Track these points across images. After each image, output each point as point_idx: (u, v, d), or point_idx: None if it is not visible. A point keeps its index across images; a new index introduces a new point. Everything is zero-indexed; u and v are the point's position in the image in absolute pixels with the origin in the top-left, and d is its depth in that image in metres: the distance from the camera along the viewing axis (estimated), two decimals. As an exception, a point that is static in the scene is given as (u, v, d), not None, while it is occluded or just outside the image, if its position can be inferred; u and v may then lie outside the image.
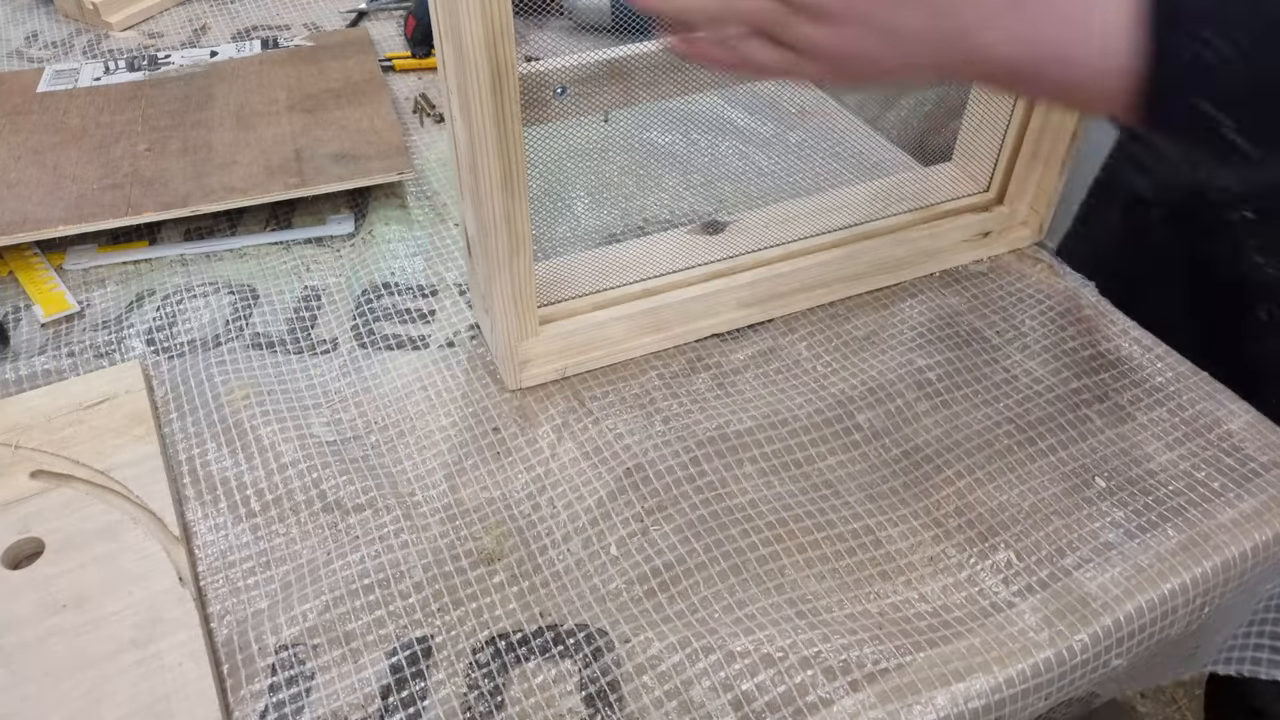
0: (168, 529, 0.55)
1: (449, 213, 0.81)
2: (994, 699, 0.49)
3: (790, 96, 0.96)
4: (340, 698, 0.49)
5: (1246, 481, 0.59)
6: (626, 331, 0.66)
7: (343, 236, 0.78)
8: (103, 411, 0.61)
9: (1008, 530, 0.57)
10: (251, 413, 0.62)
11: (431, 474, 0.60)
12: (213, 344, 0.68)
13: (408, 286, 0.73)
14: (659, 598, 0.53)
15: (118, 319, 0.71)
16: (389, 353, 0.68)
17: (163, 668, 0.48)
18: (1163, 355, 0.67)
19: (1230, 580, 0.55)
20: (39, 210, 0.74)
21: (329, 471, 0.59)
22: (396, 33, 1.06)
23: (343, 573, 0.54)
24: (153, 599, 0.51)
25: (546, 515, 0.58)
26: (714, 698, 0.48)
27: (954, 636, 0.51)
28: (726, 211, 0.79)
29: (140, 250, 0.77)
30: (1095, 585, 0.53)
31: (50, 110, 0.87)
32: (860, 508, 0.58)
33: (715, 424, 0.63)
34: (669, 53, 0.49)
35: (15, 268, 0.74)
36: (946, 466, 0.60)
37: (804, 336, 0.69)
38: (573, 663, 0.50)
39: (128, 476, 0.57)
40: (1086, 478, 0.59)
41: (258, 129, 0.84)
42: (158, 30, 1.06)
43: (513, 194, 0.55)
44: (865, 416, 0.63)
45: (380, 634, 0.51)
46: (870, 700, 0.48)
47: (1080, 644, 0.51)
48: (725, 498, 0.58)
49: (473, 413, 0.64)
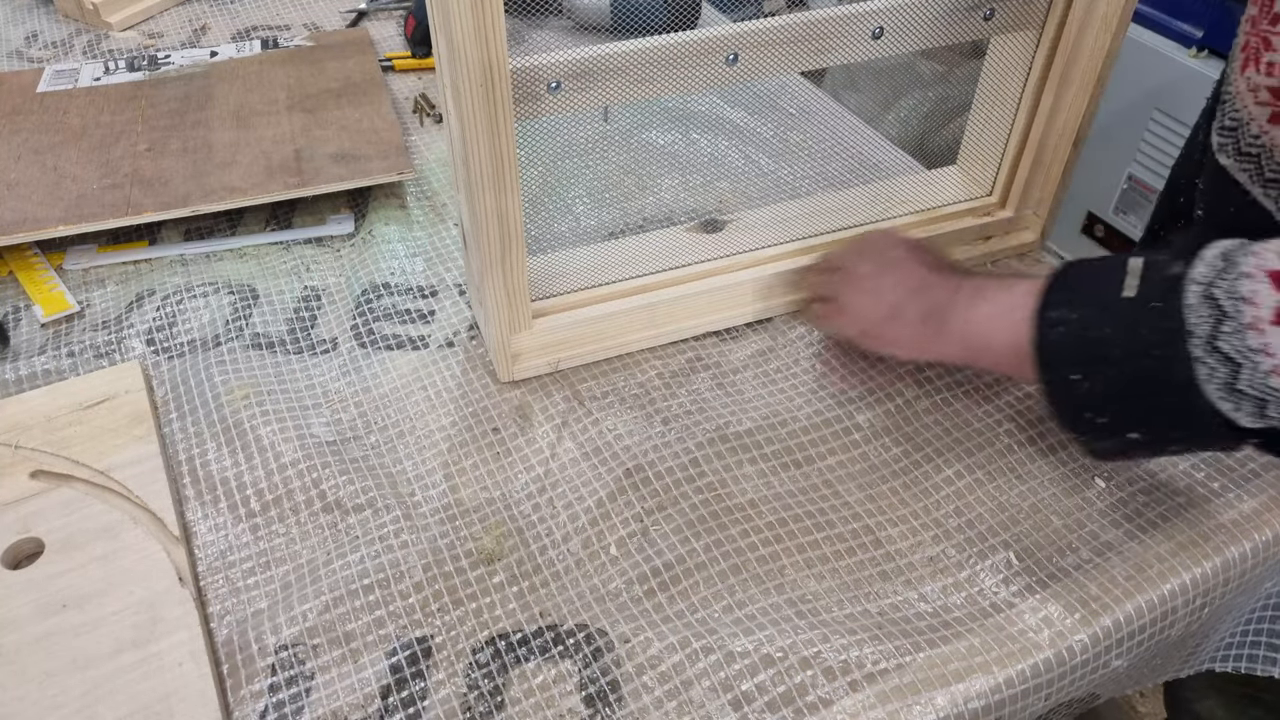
0: (168, 529, 0.55)
1: (449, 213, 0.81)
2: (994, 699, 0.49)
3: (790, 96, 0.96)
4: (340, 698, 0.49)
5: (1246, 481, 0.59)
6: (621, 326, 0.66)
7: (343, 236, 0.78)
8: (103, 411, 0.61)
9: (1008, 530, 0.57)
10: (251, 413, 0.62)
11: (431, 474, 0.60)
12: (213, 344, 0.68)
13: (407, 287, 0.73)
14: (659, 598, 0.53)
15: (118, 319, 0.71)
16: (389, 353, 0.68)
17: (163, 668, 0.48)
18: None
19: (1230, 580, 0.55)
20: (39, 210, 0.74)
21: (329, 471, 0.59)
22: (396, 33, 1.06)
23: (343, 573, 0.54)
24: (153, 599, 0.51)
25: (546, 515, 0.58)
26: (714, 698, 0.48)
27: (954, 636, 0.51)
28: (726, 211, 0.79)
29: (140, 250, 0.77)
30: (1095, 585, 0.53)
31: (50, 110, 0.87)
32: (860, 508, 0.58)
33: (715, 424, 0.63)
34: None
35: (15, 268, 0.74)
36: (946, 466, 0.60)
37: (803, 335, 0.69)
38: (573, 663, 0.50)
39: (128, 476, 0.57)
40: (1086, 478, 0.59)
41: (258, 129, 0.84)
42: (158, 30, 1.06)
43: (505, 188, 0.56)
44: (865, 416, 0.63)
45: (380, 634, 0.51)
46: (870, 700, 0.48)
47: (1080, 644, 0.51)
48: (725, 498, 0.58)
49: (472, 413, 0.64)
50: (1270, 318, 0.42)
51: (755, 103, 0.95)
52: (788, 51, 0.60)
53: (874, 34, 0.61)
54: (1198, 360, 0.45)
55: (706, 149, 0.88)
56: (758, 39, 0.59)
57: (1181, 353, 0.45)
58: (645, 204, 0.82)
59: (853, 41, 0.61)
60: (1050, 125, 0.69)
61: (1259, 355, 0.43)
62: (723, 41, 0.58)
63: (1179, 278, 0.46)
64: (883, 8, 0.60)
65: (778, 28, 0.59)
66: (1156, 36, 1.35)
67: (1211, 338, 0.44)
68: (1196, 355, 0.45)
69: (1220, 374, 0.44)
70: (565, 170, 0.85)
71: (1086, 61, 0.65)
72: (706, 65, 0.59)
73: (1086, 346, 0.49)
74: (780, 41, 0.59)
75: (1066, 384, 0.50)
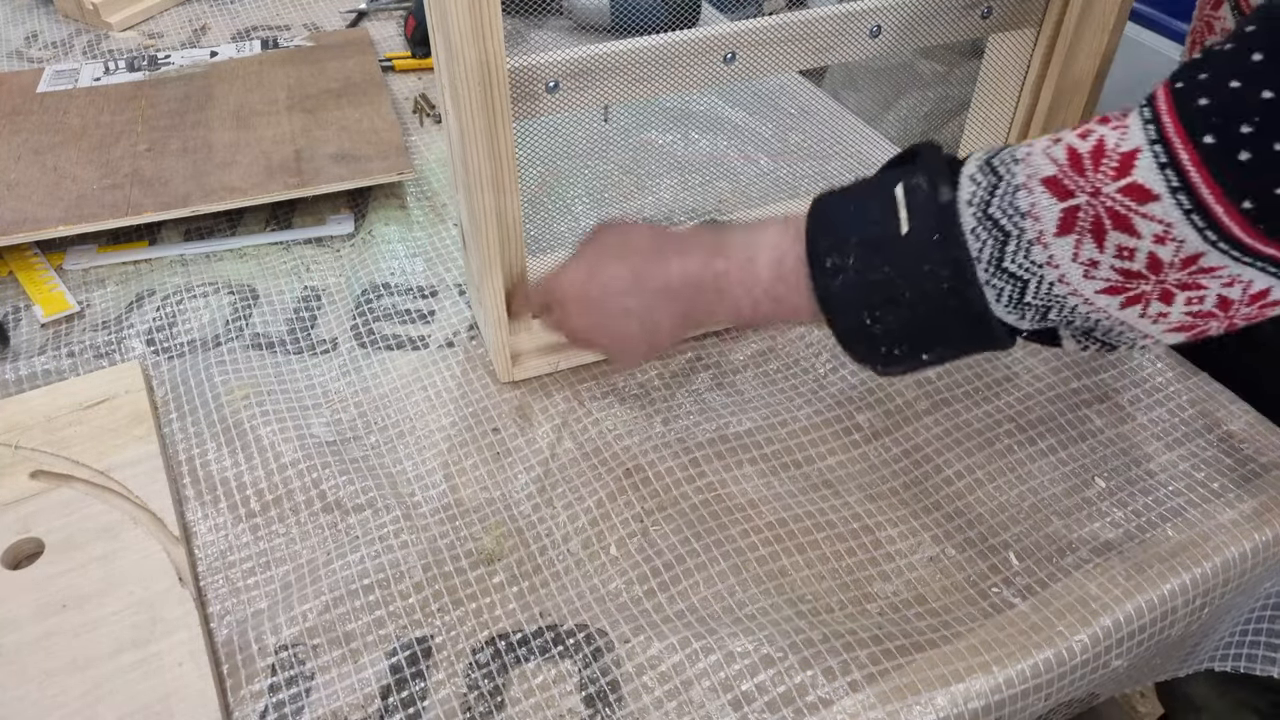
0: (168, 529, 0.55)
1: (448, 213, 0.81)
2: (994, 699, 0.49)
3: (790, 96, 0.96)
4: (340, 698, 0.49)
5: (1246, 482, 0.59)
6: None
7: (342, 236, 0.78)
8: (103, 411, 0.61)
9: (1008, 530, 0.57)
10: (251, 413, 0.62)
11: (431, 474, 0.60)
12: (213, 344, 0.68)
13: (407, 287, 0.73)
14: (659, 598, 0.53)
15: (117, 319, 0.71)
16: (388, 353, 0.68)
17: (163, 668, 0.48)
18: (1163, 355, 0.67)
19: (1230, 580, 0.55)
20: (39, 210, 0.74)
21: (329, 471, 0.59)
22: (396, 33, 1.06)
23: (343, 573, 0.54)
24: (153, 599, 0.51)
25: (546, 515, 0.58)
26: (714, 698, 0.48)
27: (954, 636, 0.51)
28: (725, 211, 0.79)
29: (140, 250, 0.77)
30: (1095, 585, 0.53)
31: (50, 110, 0.87)
32: (860, 508, 0.58)
33: (715, 424, 0.63)
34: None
35: (15, 268, 0.74)
36: (946, 466, 0.60)
37: (803, 335, 0.69)
38: (573, 663, 0.50)
39: (128, 476, 0.57)
40: (1086, 478, 0.59)
41: (258, 129, 0.84)
42: (158, 30, 1.06)
43: (503, 188, 0.56)
44: (865, 416, 0.63)
45: (380, 634, 0.51)
46: (870, 700, 0.48)
47: (1080, 644, 0.51)
48: (725, 498, 0.58)
49: (472, 413, 0.64)
50: (1054, 229, 0.41)
51: (755, 102, 0.95)
52: (786, 50, 0.60)
53: (872, 32, 0.61)
54: (986, 284, 0.43)
55: (706, 149, 0.88)
56: (756, 38, 0.59)
57: (971, 280, 0.44)
58: (644, 204, 0.82)
59: (851, 40, 0.61)
60: (1049, 124, 0.69)
61: (1045, 269, 0.42)
62: (721, 40, 0.58)
63: (950, 204, 0.44)
64: (880, 6, 0.60)
65: (776, 26, 0.59)
66: (1154, 35, 1.35)
67: (997, 260, 0.43)
68: (984, 279, 0.43)
69: (1008, 291, 0.43)
70: (564, 170, 0.85)
71: (1084, 60, 0.65)
72: (705, 64, 0.59)
73: (872, 290, 0.46)
74: (779, 40, 0.59)
75: (860, 328, 0.47)
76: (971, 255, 0.43)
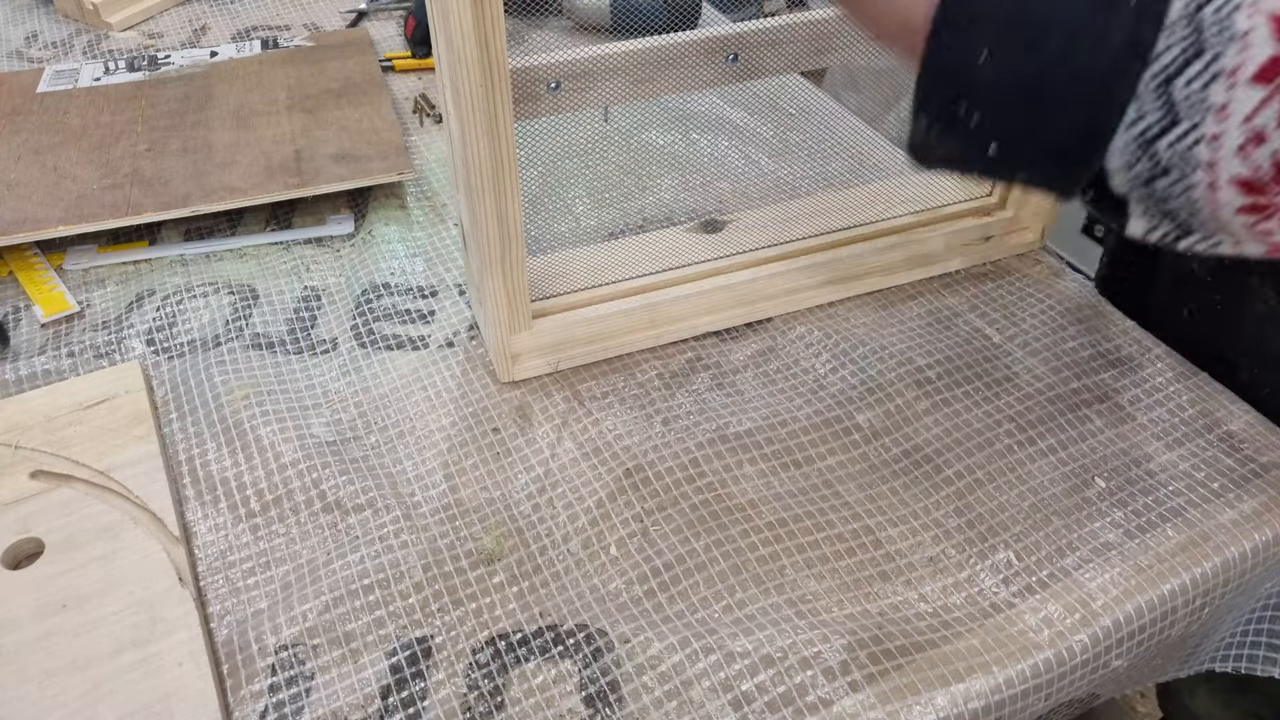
0: (168, 529, 0.55)
1: (449, 213, 0.81)
2: (994, 699, 0.49)
3: (790, 96, 0.96)
4: (340, 698, 0.49)
5: (1246, 482, 0.59)
6: (621, 326, 0.66)
7: (342, 237, 0.78)
8: (103, 411, 0.61)
9: (1008, 530, 0.57)
10: (251, 413, 0.62)
11: (431, 474, 0.60)
12: (213, 344, 0.68)
13: (407, 287, 0.73)
14: (659, 598, 0.53)
15: (117, 319, 0.71)
16: (388, 353, 0.68)
17: (163, 668, 0.48)
18: (1163, 355, 0.67)
19: (1230, 580, 0.55)
20: (39, 210, 0.74)
21: (329, 471, 0.59)
22: (396, 33, 1.06)
23: (343, 573, 0.54)
24: (153, 599, 0.51)
25: (546, 515, 0.58)
26: (714, 698, 0.48)
27: (954, 636, 0.51)
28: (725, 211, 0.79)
29: (140, 250, 0.77)
30: (1095, 585, 0.53)
31: (50, 110, 0.87)
32: (860, 508, 0.58)
33: (715, 424, 0.63)
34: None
35: (15, 268, 0.74)
36: (946, 466, 0.60)
37: (803, 336, 0.69)
38: (573, 663, 0.50)
39: (128, 476, 0.57)
40: (1086, 478, 0.59)
41: (258, 129, 0.84)
42: (158, 30, 1.06)
43: (504, 189, 0.56)
44: (865, 416, 0.63)
45: (380, 634, 0.51)
46: (870, 700, 0.48)
47: (1080, 644, 0.51)
48: (725, 498, 0.58)
49: (472, 413, 0.64)
50: (1253, 70, 0.33)
51: (755, 103, 0.95)
52: (787, 51, 0.60)
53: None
54: (1138, 96, 0.35)
55: (706, 149, 0.88)
56: (758, 39, 0.59)
57: (1127, 80, 0.35)
58: (645, 204, 0.82)
59: (852, 41, 0.61)
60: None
61: (1209, 116, 0.34)
62: (722, 41, 0.58)
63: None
64: (882, 7, 0.60)
65: (777, 28, 0.59)
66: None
67: (1170, 76, 0.34)
68: (1142, 89, 0.35)
69: (1147, 123, 0.35)
70: (565, 170, 0.85)
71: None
72: (706, 65, 0.59)
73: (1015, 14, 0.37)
74: (779, 41, 0.59)
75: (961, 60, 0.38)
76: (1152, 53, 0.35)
